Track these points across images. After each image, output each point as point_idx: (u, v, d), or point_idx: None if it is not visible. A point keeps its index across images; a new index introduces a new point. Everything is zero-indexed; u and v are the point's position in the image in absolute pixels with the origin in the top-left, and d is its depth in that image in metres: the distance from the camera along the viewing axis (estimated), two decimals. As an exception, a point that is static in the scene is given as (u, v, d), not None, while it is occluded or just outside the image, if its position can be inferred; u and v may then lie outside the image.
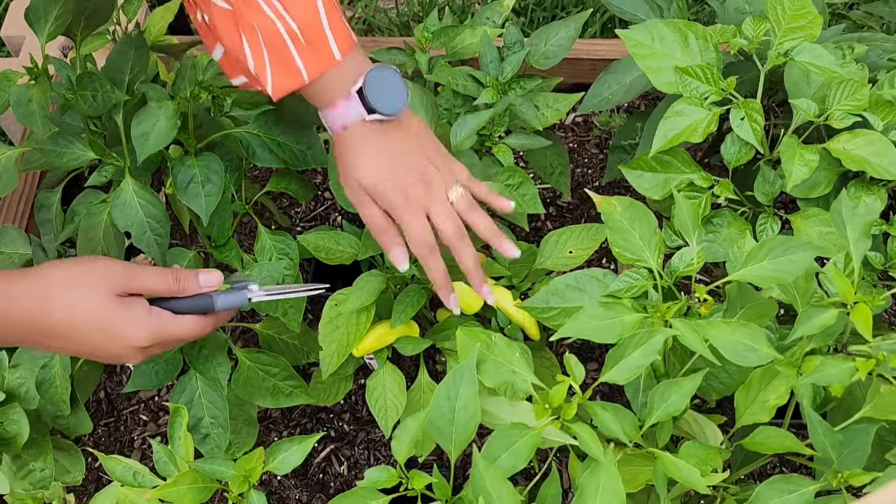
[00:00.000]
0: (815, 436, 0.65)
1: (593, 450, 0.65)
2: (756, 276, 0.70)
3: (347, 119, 0.82)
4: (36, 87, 0.93)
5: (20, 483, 0.97)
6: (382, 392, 1.02)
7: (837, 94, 0.91)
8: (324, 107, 0.83)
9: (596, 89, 1.15)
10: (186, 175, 0.93)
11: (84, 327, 0.73)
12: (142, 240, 0.91)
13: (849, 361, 0.64)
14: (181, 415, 0.76)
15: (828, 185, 0.90)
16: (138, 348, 0.75)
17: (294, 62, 0.78)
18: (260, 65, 0.79)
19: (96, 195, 0.96)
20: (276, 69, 0.79)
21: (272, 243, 1.01)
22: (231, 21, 0.78)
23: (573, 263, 1.03)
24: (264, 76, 0.79)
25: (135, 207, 0.91)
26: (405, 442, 0.71)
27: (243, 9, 0.77)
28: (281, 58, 0.78)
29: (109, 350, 0.75)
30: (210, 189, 0.93)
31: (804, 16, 0.95)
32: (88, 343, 0.74)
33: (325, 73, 0.79)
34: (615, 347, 0.68)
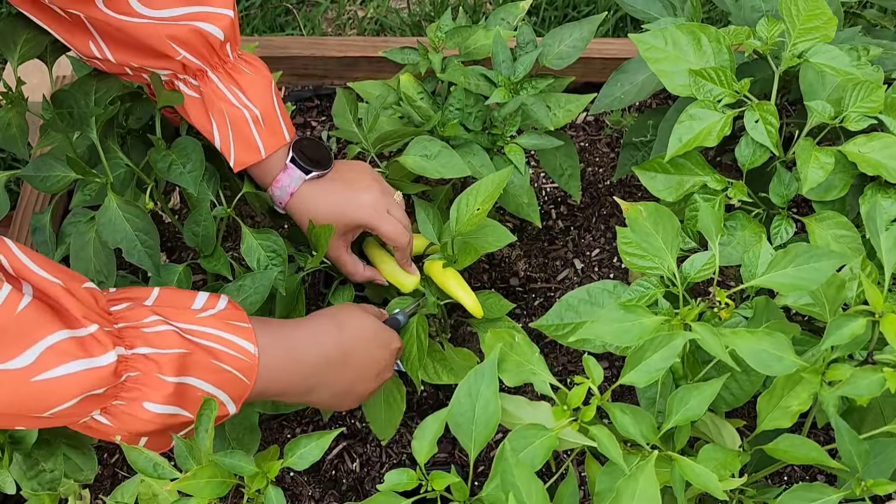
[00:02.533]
0: (842, 444, 0.65)
1: (612, 454, 0.65)
2: (778, 283, 0.70)
3: (292, 186, 0.97)
4: (13, 110, 0.92)
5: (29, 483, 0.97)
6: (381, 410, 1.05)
7: (853, 96, 0.91)
8: (269, 183, 0.98)
9: (608, 89, 1.16)
10: (165, 161, 0.95)
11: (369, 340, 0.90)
12: (133, 253, 0.91)
13: (878, 372, 0.64)
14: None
15: (843, 187, 0.90)
16: (395, 351, 0.94)
17: (255, 141, 0.94)
18: (225, 143, 0.93)
19: (85, 214, 0.96)
20: (239, 147, 0.94)
21: (258, 242, 1.01)
22: (201, 107, 0.92)
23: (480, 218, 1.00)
24: (228, 152, 0.94)
25: (121, 223, 0.91)
26: (426, 441, 0.72)
27: (212, 98, 0.91)
28: (244, 137, 0.93)
29: (381, 361, 0.91)
30: (191, 166, 0.94)
31: (819, 16, 0.95)
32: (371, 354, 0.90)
33: (277, 150, 0.95)
34: (635, 350, 0.68)
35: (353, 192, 0.99)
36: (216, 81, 0.91)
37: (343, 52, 1.45)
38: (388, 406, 1.05)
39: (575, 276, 1.37)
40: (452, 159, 1.03)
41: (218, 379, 0.74)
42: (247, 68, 0.93)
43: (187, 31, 0.86)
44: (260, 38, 1.49)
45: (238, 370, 0.76)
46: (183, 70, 0.90)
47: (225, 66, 0.92)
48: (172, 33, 0.86)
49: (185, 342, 0.72)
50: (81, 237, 0.93)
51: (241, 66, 0.93)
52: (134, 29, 0.85)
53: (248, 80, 0.93)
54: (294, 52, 1.44)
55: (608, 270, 1.38)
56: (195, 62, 0.89)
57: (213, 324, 0.76)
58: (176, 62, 0.88)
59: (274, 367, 0.81)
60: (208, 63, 0.90)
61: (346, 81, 1.49)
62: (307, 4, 1.80)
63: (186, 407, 0.73)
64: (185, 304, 0.77)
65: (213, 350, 0.74)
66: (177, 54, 0.87)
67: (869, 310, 0.69)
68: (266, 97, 0.94)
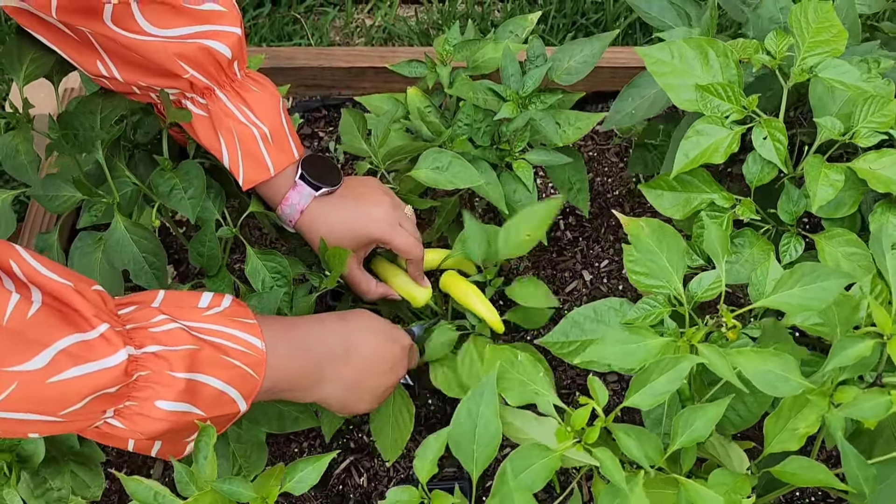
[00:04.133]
0: (849, 469, 0.64)
1: (615, 477, 0.65)
2: (785, 304, 0.69)
3: (302, 203, 0.97)
4: (19, 136, 0.92)
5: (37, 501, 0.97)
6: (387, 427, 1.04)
7: (863, 111, 0.90)
8: (279, 201, 0.97)
9: (619, 105, 1.14)
10: (168, 185, 0.94)
11: (377, 336, 0.90)
12: (140, 275, 0.91)
13: (884, 395, 0.63)
14: (208, 434, 0.76)
15: (853, 204, 0.89)
16: (407, 348, 0.94)
17: (263, 159, 0.94)
18: (234, 161, 0.93)
19: (92, 236, 0.96)
20: (248, 165, 0.93)
21: (263, 263, 1.00)
22: (209, 125, 0.92)
23: (530, 245, 1.01)
24: (237, 170, 0.94)
25: (129, 244, 0.91)
26: (427, 460, 0.71)
27: (221, 116, 0.91)
28: (252, 155, 0.93)
29: (394, 354, 0.91)
30: (193, 192, 0.94)
31: (829, 29, 0.94)
32: (380, 355, 0.90)
33: (286, 168, 0.95)
34: (640, 372, 0.68)
35: (364, 206, 0.99)
36: (224, 100, 0.91)
37: (350, 62, 1.45)
38: (395, 425, 1.05)
39: (584, 288, 1.37)
40: (464, 169, 1.02)
41: (228, 375, 0.75)
42: (254, 86, 0.93)
43: (195, 50, 0.86)
44: (267, 49, 1.50)
45: (247, 365, 0.76)
46: (190, 88, 0.90)
47: (233, 84, 0.92)
48: (180, 51, 0.86)
49: (194, 339, 0.73)
50: (87, 257, 0.93)
51: (248, 84, 0.93)
52: (142, 47, 0.85)
53: (256, 97, 0.93)
54: (301, 63, 1.44)
55: (617, 282, 1.38)
56: (203, 80, 0.89)
57: (220, 321, 0.76)
58: (183, 80, 0.88)
59: (281, 362, 0.81)
60: (216, 81, 0.90)
61: (353, 92, 1.49)
62: (315, 13, 1.80)
63: (198, 404, 0.73)
64: (190, 303, 0.78)
65: (222, 346, 0.75)
66: (184, 72, 0.87)
67: (877, 331, 0.69)
68: (274, 114, 0.94)
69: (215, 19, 0.88)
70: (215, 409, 0.75)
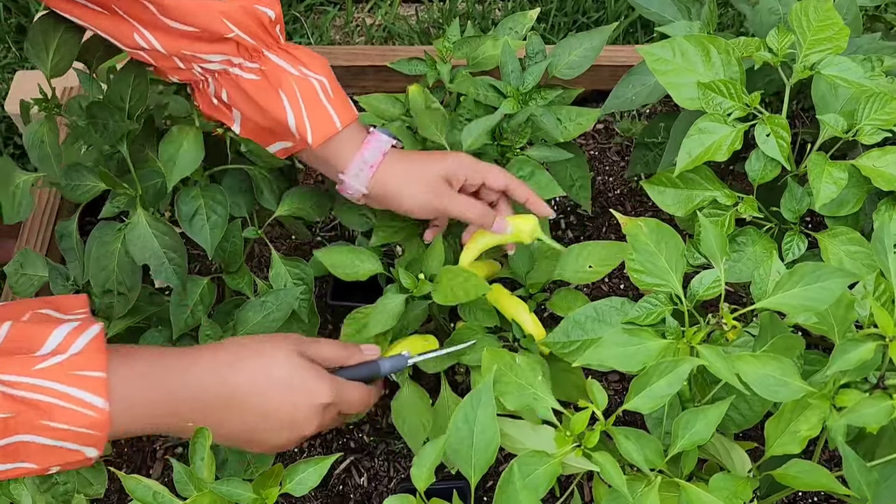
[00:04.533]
0: (850, 473, 0.63)
1: (616, 481, 0.64)
2: (786, 304, 0.68)
3: (384, 146, 0.92)
4: (45, 126, 0.92)
5: (43, 496, 0.98)
6: (409, 413, 1.01)
7: (866, 109, 0.89)
8: (355, 151, 0.92)
9: (619, 90, 1.14)
10: (191, 207, 0.93)
11: (272, 385, 0.76)
12: (160, 271, 0.90)
13: (886, 400, 0.62)
14: (204, 436, 0.76)
15: (857, 203, 0.88)
16: (321, 407, 0.78)
17: (328, 112, 0.89)
18: (300, 118, 0.88)
19: (112, 226, 0.95)
20: (314, 120, 0.89)
21: (287, 269, 1.00)
22: (267, 86, 0.88)
23: (592, 278, 1.01)
24: (304, 129, 0.89)
25: (150, 239, 0.90)
26: (425, 468, 0.70)
27: (277, 73, 0.87)
28: (317, 109, 0.89)
29: (293, 412, 0.77)
30: (216, 221, 0.92)
31: (830, 26, 0.93)
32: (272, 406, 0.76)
33: (350, 125, 0.91)
34: (640, 375, 0.67)
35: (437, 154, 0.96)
36: (275, 58, 0.88)
37: (351, 60, 1.45)
38: None
39: (585, 287, 1.36)
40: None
41: (55, 434, 0.67)
42: (299, 48, 0.91)
43: (239, 10, 0.83)
44: (268, 48, 1.49)
45: (82, 426, 0.68)
46: (237, 52, 0.86)
47: (279, 45, 0.89)
48: (223, 9, 0.83)
49: (10, 403, 0.65)
50: (105, 247, 0.92)
51: (293, 46, 0.91)
52: (182, 5, 0.81)
53: (306, 54, 0.90)
54: (301, 62, 1.44)
55: (619, 280, 1.37)
56: (250, 41, 0.86)
57: (55, 376, 0.67)
58: (230, 42, 0.85)
59: (140, 410, 0.72)
60: (263, 42, 0.87)
61: (353, 91, 1.48)
62: (315, 12, 1.79)
63: (29, 459, 0.68)
64: (32, 346, 0.68)
65: (47, 407, 0.66)
66: (229, 31, 0.84)
67: (879, 333, 0.68)
68: (327, 69, 0.91)
69: None
70: (51, 460, 0.69)
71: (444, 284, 0.94)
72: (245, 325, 0.92)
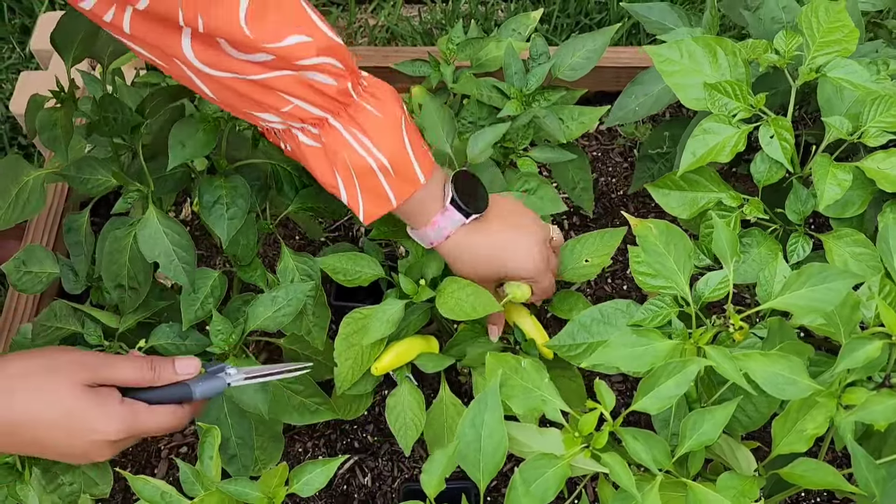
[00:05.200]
0: (858, 470, 0.64)
1: (625, 482, 0.64)
2: (793, 305, 0.69)
3: (449, 229, 0.89)
4: (61, 111, 0.93)
5: (49, 497, 0.98)
6: (402, 410, 1.01)
7: (871, 111, 0.89)
8: (421, 226, 0.90)
9: (623, 101, 1.14)
10: (212, 196, 0.93)
11: (49, 421, 0.70)
12: (169, 268, 0.91)
13: (894, 397, 0.63)
14: (213, 435, 0.76)
15: (861, 204, 0.88)
16: (108, 442, 0.73)
17: (384, 191, 0.85)
18: (353, 197, 0.85)
19: (124, 221, 0.96)
20: (367, 198, 0.85)
21: (295, 264, 1.01)
22: (324, 158, 0.83)
23: (591, 273, 1.01)
24: (356, 206, 0.86)
25: (161, 237, 0.91)
26: (435, 475, 0.70)
27: (335, 149, 0.82)
28: (371, 189, 0.84)
29: (76, 447, 0.72)
30: (234, 212, 0.93)
31: (840, 29, 0.93)
32: (51, 440, 0.71)
33: (412, 196, 0.86)
34: (648, 376, 0.67)
35: (516, 240, 0.90)
36: (339, 127, 0.81)
37: (354, 62, 1.45)
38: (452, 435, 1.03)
39: (588, 289, 1.36)
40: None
41: None
42: (373, 106, 0.82)
43: (293, 83, 0.76)
44: (271, 49, 1.49)
45: None
46: (299, 120, 0.81)
47: (347, 110, 0.81)
48: (278, 86, 0.76)
49: None
50: (118, 242, 0.93)
51: (365, 104, 0.82)
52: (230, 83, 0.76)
53: (374, 122, 0.81)
54: (305, 63, 1.44)
55: (621, 281, 1.37)
56: (312, 110, 0.79)
57: None
58: (286, 114, 0.79)
59: None
60: (327, 110, 0.80)
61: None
62: (319, 13, 1.80)
63: None
64: None
65: None
66: (286, 104, 0.78)
67: (885, 332, 0.68)
68: (395, 139, 0.82)
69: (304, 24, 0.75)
70: None
71: (450, 296, 0.94)
72: (256, 321, 0.92)
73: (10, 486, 0.89)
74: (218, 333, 0.91)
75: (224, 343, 0.91)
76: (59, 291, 1.23)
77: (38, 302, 1.25)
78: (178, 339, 0.95)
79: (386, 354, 0.99)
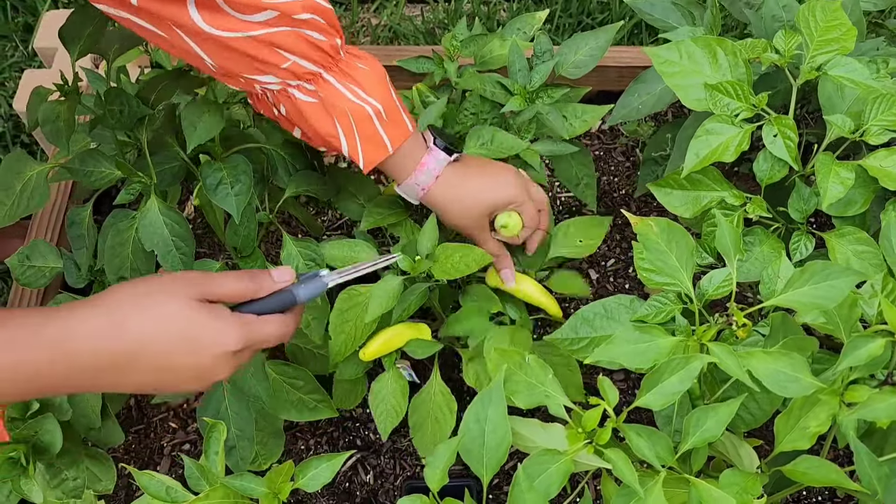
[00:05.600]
0: (861, 467, 0.64)
1: (628, 478, 0.64)
2: (796, 302, 0.69)
3: (437, 169, 0.95)
4: (65, 104, 0.94)
5: (53, 492, 0.98)
6: (385, 396, 1.02)
7: (873, 110, 0.90)
8: (411, 172, 0.95)
9: (625, 100, 1.15)
10: (215, 178, 0.94)
11: (168, 340, 0.67)
12: (167, 258, 0.92)
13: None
14: (219, 431, 0.76)
15: (864, 203, 0.89)
16: (231, 354, 0.70)
17: (381, 138, 0.91)
18: (352, 146, 0.91)
19: (126, 213, 0.97)
20: (366, 147, 0.91)
21: (298, 250, 1.01)
22: (323, 111, 0.89)
23: (585, 251, 1.07)
24: (356, 154, 0.92)
25: (160, 227, 0.92)
26: (438, 469, 0.71)
27: (332, 100, 0.88)
28: (369, 136, 0.91)
29: (198, 365, 0.68)
30: (239, 189, 0.94)
31: (837, 27, 0.94)
32: (172, 362, 0.68)
33: (404, 143, 0.93)
34: (651, 372, 0.68)
35: (494, 173, 0.98)
36: (333, 82, 0.88)
37: (357, 61, 1.44)
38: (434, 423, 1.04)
39: (590, 286, 1.36)
40: (507, 139, 1.05)
41: None
42: (360, 63, 0.90)
43: (292, 38, 0.82)
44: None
45: None
46: (294, 77, 0.86)
47: (339, 65, 0.89)
48: (277, 41, 0.82)
49: None
50: (121, 234, 0.94)
51: (353, 61, 0.90)
52: (233, 42, 0.80)
53: (364, 74, 0.89)
54: (308, 62, 1.44)
55: (623, 281, 1.37)
56: (307, 66, 0.86)
57: None
58: (284, 71, 0.85)
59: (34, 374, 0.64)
60: (321, 65, 0.87)
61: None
62: (322, 12, 1.80)
63: None
64: None
65: None
66: (286, 61, 0.84)
67: (888, 329, 0.68)
68: (384, 89, 0.91)
69: None
70: None
71: (443, 261, 0.97)
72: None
73: (15, 481, 0.90)
74: None
75: None
76: (62, 285, 1.23)
77: (42, 296, 1.25)
78: None
79: (374, 340, 1.00)
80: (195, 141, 0.91)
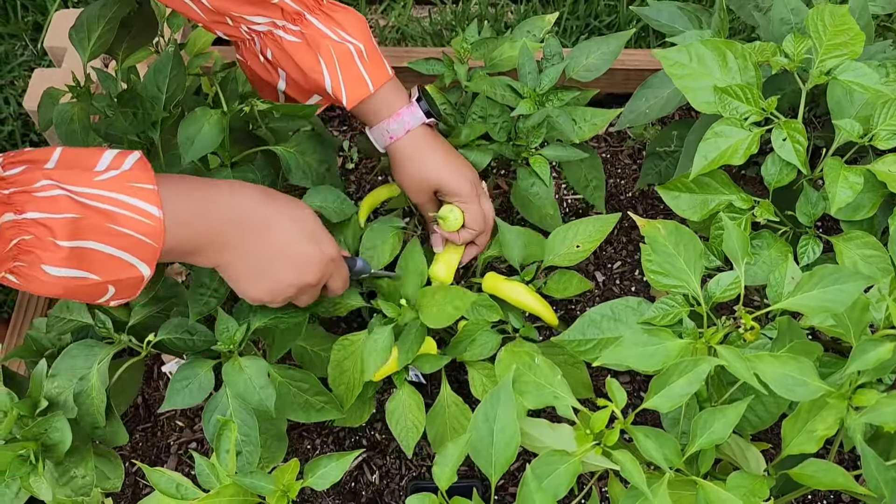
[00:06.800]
0: (868, 472, 0.64)
1: (636, 479, 0.65)
2: (804, 306, 0.69)
3: (410, 123, 0.99)
4: (77, 105, 0.94)
5: (62, 490, 0.99)
6: (403, 413, 1.03)
7: (882, 114, 0.90)
8: (386, 116, 0.99)
9: (633, 104, 1.15)
10: None
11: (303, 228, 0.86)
12: None
13: (903, 399, 0.63)
14: (230, 429, 0.77)
15: (872, 207, 0.89)
16: (327, 260, 0.88)
17: (363, 77, 0.96)
18: (336, 82, 0.96)
19: None
20: (349, 85, 0.96)
21: None
22: (307, 49, 0.95)
23: (581, 257, 1.06)
24: (339, 91, 0.96)
25: None
26: (447, 468, 0.71)
27: (317, 38, 0.94)
28: (352, 75, 0.96)
29: (309, 251, 0.87)
30: None
31: (846, 32, 0.94)
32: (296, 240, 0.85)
33: (384, 85, 0.97)
34: (660, 374, 0.68)
35: (459, 162, 1.03)
36: (316, 22, 0.94)
37: (365, 62, 1.45)
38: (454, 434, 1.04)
39: (596, 289, 1.37)
40: None
41: (119, 242, 0.71)
42: (340, 10, 0.96)
43: None
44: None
45: (142, 234, 0.72)
46: (281, 15, 0.92)
47: (321, 8, 0.95)
48: None
49: (79, 206, 0.69)
50: None
51: (334, 6, 0.96)
52: None
53: (345, 17, 0.96)
54: (317, 63, 1.44)
55: (630, 283, 1.38)
56: (292, 6, 0.92)
57: (113, 186, 0.71)
58: (274, 7, 0.91)
59: (180, 229, 0.77)
60: (305, 6, 0.93)
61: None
62: (330, 13, 1.80)
63: (92, 269, 0.71)
64: (87, 164, 0.72)
65: (111, 213, 0.70)
66: None
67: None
68: (365, 32, 0.97)
69: None
70: (112, 273, 0.72)
71: (430, 307, 0.98)
72: (264, 319, 0.93)
73: (24, 479, 0.90)
74: (223, 331, 0.92)
75: (228, 341, 0.91)
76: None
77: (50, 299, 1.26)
78: (187, 333, 0.96)
79: None
80: (192, 156, 0.91)
